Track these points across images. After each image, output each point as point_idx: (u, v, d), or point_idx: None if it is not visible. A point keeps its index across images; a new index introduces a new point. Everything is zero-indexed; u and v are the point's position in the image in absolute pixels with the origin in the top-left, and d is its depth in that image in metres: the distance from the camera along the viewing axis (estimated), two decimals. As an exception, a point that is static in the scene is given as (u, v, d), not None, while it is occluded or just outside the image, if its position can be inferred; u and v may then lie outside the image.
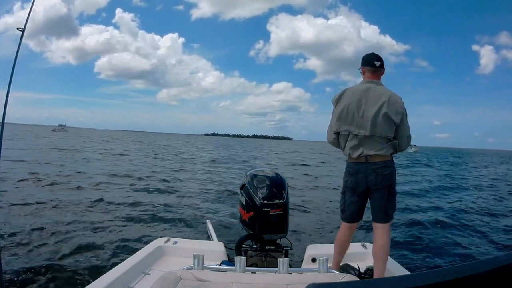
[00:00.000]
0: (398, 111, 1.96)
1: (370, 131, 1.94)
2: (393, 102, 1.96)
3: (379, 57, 2.10)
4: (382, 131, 1.94)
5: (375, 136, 1.95)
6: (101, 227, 4.65)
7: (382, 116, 1.92)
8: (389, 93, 1.99)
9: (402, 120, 1.98)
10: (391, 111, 1.93)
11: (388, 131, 1.95)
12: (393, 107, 1.94)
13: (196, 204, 6.72)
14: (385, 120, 1.93)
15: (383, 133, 1.94)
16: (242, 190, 2.25)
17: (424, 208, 7.36)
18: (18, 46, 1.98)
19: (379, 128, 1.93)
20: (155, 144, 41.03)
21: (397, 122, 1.96)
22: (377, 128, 1.93)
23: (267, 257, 2.12)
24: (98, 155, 18.36)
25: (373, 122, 1.93)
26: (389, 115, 1.93)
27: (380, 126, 1.93)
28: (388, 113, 1.93)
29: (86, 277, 3.00)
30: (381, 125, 1.93)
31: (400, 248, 4.38)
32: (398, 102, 1.97)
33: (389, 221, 2.00)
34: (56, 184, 7.84)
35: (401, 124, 1.98)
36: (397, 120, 1.95)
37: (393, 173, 2.00)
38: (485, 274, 0.53)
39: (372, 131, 1.93)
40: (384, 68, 2.10)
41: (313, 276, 1.35)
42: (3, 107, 1.84)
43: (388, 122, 1.94)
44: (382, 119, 1.93)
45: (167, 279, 1.12)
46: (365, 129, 1.95)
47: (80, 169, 11.05)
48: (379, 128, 1.93)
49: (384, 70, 2.11)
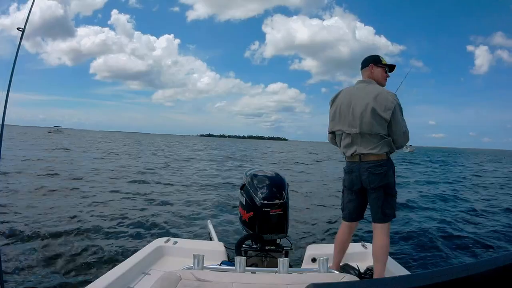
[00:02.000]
0: (387, 107, 1.91)
1: (359, 128, 1.94)
2: (381, 98, 1.93)
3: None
4: (372, 128, 1.92)
5: (367, 134, 1.94)
6: (101, 227, 4.65)
7: (369, 112, 1.91)
8: (379, 90, 1.97)
9: (393, 116, 1.92)
10: (379, 107, 1.91)
11: (378, 128, 1.93)
12: (381, 103, 1.91)
13: (196, 204, 6.72)
14: (373, 117, 1.91)
15: (373, 130, 1.93)
16: (242, 190, 2.25)
17: (424, 208, 7.37)
18: (18, 46, 1.97)
19: (368, 125, 1.92)
20: (155, 144, 41.05)
21: (386, 119, 1.91)
22: (366, 125, 1.93)
23: (267, 257, 2.12)
24: (101, 154, 18.47)
25: (361, 119, 1.93)
26: (377, 111, 1.91)
27: (368, 123, 1.92)
28: (376, 109, 1.90)
29: (86, 277, 3.00)
30: (370, 122, 1.92)
31: (400, 248, 4.38)
32: (387, 98, 1.93)
33: (387, 222, 1.98)
34: (55, 185, 7.84)
35: (392, 120, 1.92)
36: (387, 116, 1.91)
37: (388, 172, 1.95)
38: (485, 274, 0.53)
39: (361, 128, 1.93)
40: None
41: (313, 276, 1.35)
42: (3, 108, 1.84)
43: (377, 118, 1.92)
44: (370, 116, 1.91)
45: (167, 279, 1.12)
46: (355, 127, 1.96)
47: (81, 169, 11.06)
48: (368, 125, 1.92)
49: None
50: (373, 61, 2.10)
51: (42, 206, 5.65)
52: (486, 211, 7.26)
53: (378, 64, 2.10)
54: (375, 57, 2.13)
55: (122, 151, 23.55)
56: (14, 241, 3.87)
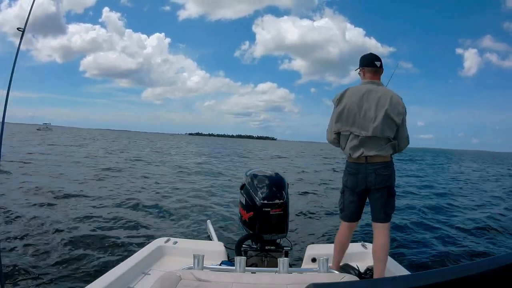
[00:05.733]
0: (400, 112, 1.96)
1: (371, 132, 1.94)
2: (395, 102, 1.96)
3: (378, 57, 2.10)
4: (384, 132, 1.94)
5: (376, 137, 1.95)
6: (101, 227, 4.65)
7: (383, 116, 1.92)
8: (391, 93, 2.00)
9: (403, 121, 1.99)
10: (393, 111, 1.94)
11: (389, 132, 1.96)
12: (394, 107, 1.95)
13: (196, 204, 6.71)
14: (386, 121, 1.93)
15: (384, 134, 1.95)
16: (242, 190, 2.25)
17: (424, 208, 7.36)
18: (18, 46, 1.97)
19: (381, 129, 1.93)
20: (151, 143, 41.04)
21: (398, 123, 1.96)
22: (379, 129, 1.93)
23: (267, 257, 2.12)
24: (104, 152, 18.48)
25: (374, 122, 1.93)
26: (391, 115, 1.93)
27: (381, 126, 1.93)
28: (390, 114, 1.93)
29: (86, 277, 3.00)
30: (383, 126, 1.93)
31: (400, 248, 4.38)
32: (399, 103, 1.98)
33: (388, 221, 2.01)
34: (55, 185, 7.84)
35: (401, 124, 1.99)
36: (399, 120, 1.96)
37: (392, 173, 2.00)
38: (485, 274, 0.53)
39: (374, 132, 1.93)
40: (383, 68, 2.10)
41: (313, 276, 1.35)
42: (3, 107, 1.84)
43: (389, 122, 1.94)
44: (384, 120, 1.93)
45: (167, 279, 1.12)
46: (366, 130, 1.95)
47: (78, 168, 11.06)
48: (380, 129, 1.93)
49: (383, 70, 2.11)
50: (380, 61, 2.08)
51: (41, 206, 5.64)
52: (485, 208, 7.25)
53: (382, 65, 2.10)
54: (379, 57, 2.11)
55: (119, 149, 23.48)
56: (14, 241, 3.86)
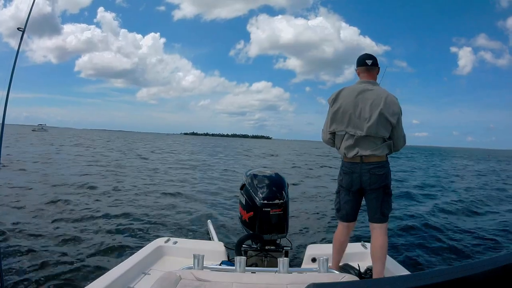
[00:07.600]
0: (395, 112, 1.96)
1: (366, 131, 1.94)
2: (390, 102, 1.96)
3: (371, 56, 2.10)
4: (378, 132, 1.94)
5: (371, 137, 1.95)
6: (101, 227, 4.65)
7: (378, 116, 1.92)
8: (385, 93, 1.99)
9: (398, 121, 1.99)
10: (388, 111, 1.94)
11: (384, 132, 1.96)
12: (389, 107, 1.95)
13: (196, 204, 6.71)
14: (381, 121, 1.94)
15: (379, 134, 1.95)
16: (242, 190, 2.26)
17: (423, 208, 7.36)
18: (18, 46, 1.97)
19: (376, 129, 1.94)
20: (147, 144, 41.05)
21: (393, 123, 1.96)
22: (374, 129, 1.93)
23: (267, 257, 2.12)
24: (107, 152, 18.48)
25: (369, 122, 1.93)
26: (386, 115, 1.93)
27: (376, 126, 1.93)
28: (384, 113, 1.93)
29: (86, 277, 3.00)
30: (378, 126, 1.93)
31: (400, 248, 4.38)
32: (395, 103, 1.98)
33: (386, 221, 2.01)
34: (55, 183, 7.84)
35: (397, 124, 1.99)
36: (394, 120, 1.96)
37: (388, 173, 2.00)
38: (485, 274, 0.53)
39: (368, 131, 1.94)
40: (379, 67, 2.10)
41: (313, 276, 1.35)
42: (3, 108, 1.84)
43: (384, 122, 1.94)
44: (379, 120, 1.93)
45: (167, 279, 1.12)
46: (361, 129, 1.95)
47: (78, 168, 11.06)
48: (375, 129, 1.93)
49: (379, 69, 2.11)
50: (372, 59, 2.09)
51: (41, 206, 5.64)
52: (485, 208, 7.25)
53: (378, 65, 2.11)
54: (371, 56, 2.11)
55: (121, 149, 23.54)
56: (14, 241, 3.86)
